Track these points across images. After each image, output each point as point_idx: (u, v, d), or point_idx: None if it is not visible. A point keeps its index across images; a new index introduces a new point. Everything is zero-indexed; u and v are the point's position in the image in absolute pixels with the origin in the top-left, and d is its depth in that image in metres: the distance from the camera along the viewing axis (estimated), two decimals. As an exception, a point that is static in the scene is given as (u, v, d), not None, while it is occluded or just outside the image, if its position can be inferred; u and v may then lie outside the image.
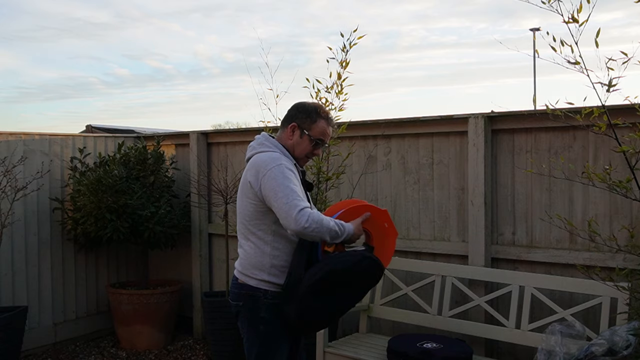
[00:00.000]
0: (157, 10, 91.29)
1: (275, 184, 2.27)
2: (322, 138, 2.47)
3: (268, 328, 2.41)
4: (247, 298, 2.44)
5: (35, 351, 4.88)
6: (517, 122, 3.63)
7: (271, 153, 2.40)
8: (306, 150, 2.47)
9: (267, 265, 2.39)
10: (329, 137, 2.54)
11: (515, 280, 3.46)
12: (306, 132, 2.44)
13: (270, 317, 2.40)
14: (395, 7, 73.60)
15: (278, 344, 2.44)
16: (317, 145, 2.48)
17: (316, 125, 2.45)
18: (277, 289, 2.40)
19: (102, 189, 4.65)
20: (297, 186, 2.31)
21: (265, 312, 2.40)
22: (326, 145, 2.62)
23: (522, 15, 60.17)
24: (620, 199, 3.14)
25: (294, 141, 2.46)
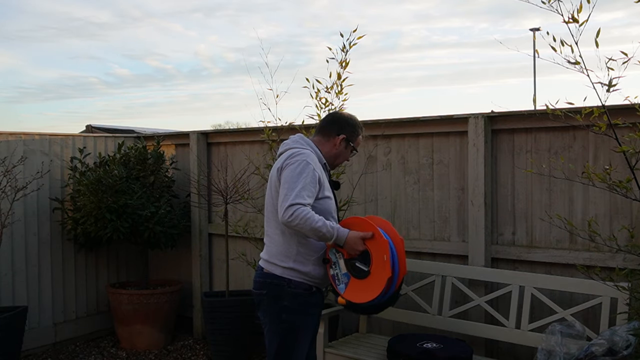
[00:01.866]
0: (157, 10, 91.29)
1: (289, 176, 2.47)
2: (358, 148, 2.84)
3: (290, 317, 2.53)
4: (271, 287, 2.57)
5: (35, 351, 4.88)
6: (517, 122, 3.63)
7: (303, 150, 2.60)
8: (345, 157, 2.80)
9: (294, 252, 2.54)
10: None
11: (515, 280, 3.46)
12: (351, 144, 2.76)
13: (294, 306, 2.53)
14: (397, 6, 73.63)
15: (300, 334, 2.56)
16: (351, 152, 2.80)
17: (358, 138, 2.80)
18: (300, 278, 2.55)
19: (102, 189, 4.65)
20: (311, 184, 2.48)
21: (288, 300, 2.53)
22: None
23: (523, 15, 60.21)
24: (620, 199, 3.14)
25: (339, 151, 2.75)
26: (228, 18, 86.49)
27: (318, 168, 2.59)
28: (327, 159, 2.74)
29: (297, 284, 2.55)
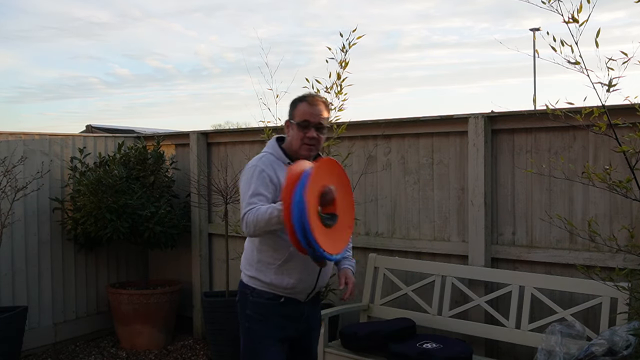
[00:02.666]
0: (158, 10, 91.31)
1: (240, 189, 2.41)
2: (306, 119, 2.40)
3: (253, 326, 2.44)
4: (240, 294, 2.53)
5: (35, 351, 4.88)
6: (517, 122, 3.63)
7: (257, 155, 2.48)
8: (299, 138, 2.43)
9: (255, 260, 2.44)
10: (320, 117, 2.43)
11: (515, 280, 3.46)
12: (293, 122, 2.44)
13: (255, 315, 2.43)
14: (397, 6, 73.59)
15: (264, 344, 2.44)
16: (304, 128, 2.40)
17: (297, 110, 2.44)
18: (263, 287, 2.42)
19: (102, 189, 4.65)
20: (260, 186, 2.32)
21: (250, 309, 2.44)
22: (322, 125, 2.44)
23: (524, 15, 60.17)
24: (620, 199, 3.14)
25: (291, 136, 2.47)
26: (228, 18, 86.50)
27: (271, 169, 2.38)
28: (291, 154, 2.46)
29: (260, 293, 2.43)
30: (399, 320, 3.67)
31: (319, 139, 2.44)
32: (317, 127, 2.41)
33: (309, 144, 2.44)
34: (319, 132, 2.42)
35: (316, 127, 2.41)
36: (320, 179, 2.19)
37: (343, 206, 2.28)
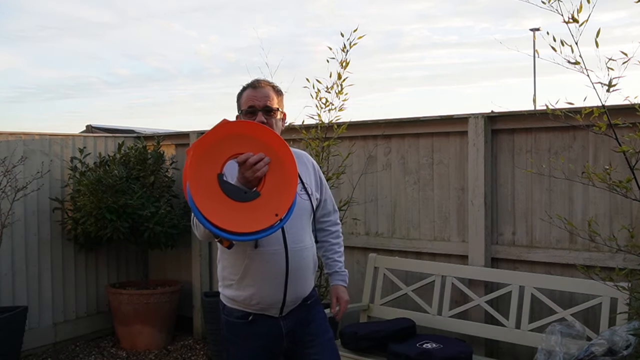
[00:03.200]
0: (158, 10, 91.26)
1: None
2: (251, 104, 2.16)
3: (230, 349, 2.25)
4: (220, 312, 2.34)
5: (35, 351, 4.88)
6: (517, 122, 3.63)
7: None
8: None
9: (221, 276, 2.26)
10: (267, 99, 2.18)
11: (515, 280, 3.46)
12: (240, 112, 2.22)
13: (230, 337, 2.23)
14: (398, 6, 73.55)
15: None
16: (251, 114, 2.16)
17: (242, 99, 2.22)
18: (231, 303, 2.21)
19: (102, 189, 4.65)
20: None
21: (225, 329, 2.25)
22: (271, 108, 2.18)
23: (524, 15, 60.14)
24: (620, 199, 3.14)
25: None
26: (229, 18, 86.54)
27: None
28: None
29: (230, 311, 2.21)
30: (399, 320, 3.67)
31: (269, 124, 2.15)
32: (265, 111, 2.16)
33: None
34: (268, 115, 2.17)
35: (264, 110, 2.16)
36: (226, 144, 1.85)
37: (271, 184, 1.88)
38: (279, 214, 1.86)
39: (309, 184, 2.28)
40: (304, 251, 2.19)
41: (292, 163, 1.93)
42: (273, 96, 2.21)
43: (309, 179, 2.30)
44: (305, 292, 2.25)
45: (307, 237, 2.23)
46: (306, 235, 2.22)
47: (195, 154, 1.80)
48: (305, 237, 2.21)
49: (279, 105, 2.23)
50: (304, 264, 2.21)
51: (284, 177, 1.91)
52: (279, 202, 1.88)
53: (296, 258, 2.16)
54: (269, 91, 2.21)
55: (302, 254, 2.19)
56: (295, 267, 2.16)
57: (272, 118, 2.18)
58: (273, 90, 2.24)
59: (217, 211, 1.77)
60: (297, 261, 2.17)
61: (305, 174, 2.28)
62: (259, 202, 1.84)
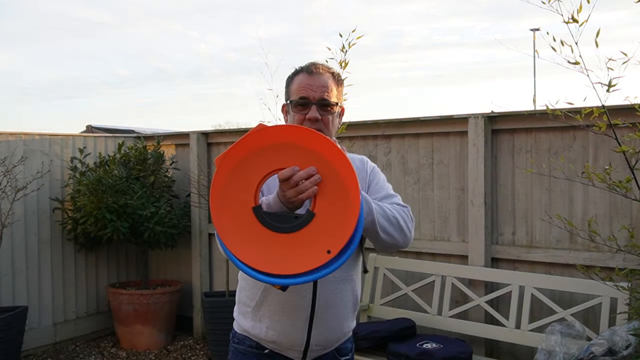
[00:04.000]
0: (158, 10, 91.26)
1: None
2: (304, 95, 1.72)
3: None
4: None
5: (35, 351, 4.88)
6: (517, 122, 3.63)
7: None
8: (299, 122, 1.74)
9: (237, 299, 1.89)
10: (324, 89, 1.73)
11: (515, 280, 3.46)
12: (289, 102, 1.79)
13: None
14: (398, 6, 73.60)
15: None
16: (302, 106, 1.73)
17: (293, 86, 1.77)
18: (243, 332, 1.84)
19: (102, 189, 4.65)
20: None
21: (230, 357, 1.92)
22: (328, 102, 1.73)
23: (525, 15, 60.17)
24: (620, 199, 3.14)
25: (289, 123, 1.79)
26: (229, 17, 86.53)
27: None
28: None
29: (241, 339, 1.85)
30: (399, 320, 3.67)
31: (325, 121, 1.72)
32: (321, 105, 1.72)
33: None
34: (324, 111, 1.72)
35: (320, 104, 1.71)
36: (264, 155, 1.42)
37: (324, 208, 1.41)
38: (331, 250, 1.38)
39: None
40: (339, 283, 1.70)
41: (353, 179, 1.41)
42: (332, 86, 1.75)
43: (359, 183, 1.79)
44: (339, 338, 1.78)
45: (346, 264, 1.60)
46: (349, 261, 1.63)
47: (220, 175, 1.42)
48: (347, 263, 1.61)
49: (338, 98, 1.78)
50: (338, 300, 1.72)
51: (341, 198, 1.41)
52: (332, 233, 1.39)
53: (327, 291, 1.68)
54: (327, 79, 1.75)
55: (337, 286, 1.70)
56: (325, 302, 1.68)
57: (329, 114, 1.74)
58: (332, 78, 1.78)
59: (254, 249, 1.40)
60: (328, 295, 1.69)
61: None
62: (305, 234, 1.40)
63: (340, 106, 1.81)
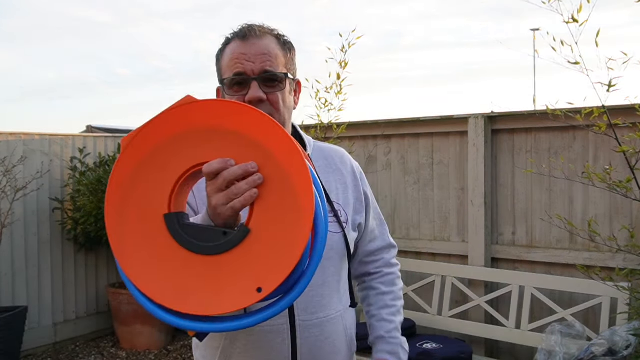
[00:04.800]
0: (159, 10, 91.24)
1: None
2: (238, 69, 1.26)
3: None
4: None
5: (35, 351, 4.88)
6: (517, 122, 3.63)
7: None
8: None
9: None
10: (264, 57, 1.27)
11: (515, 280, 3.46)
12: (220, 86, 1.34)
13: None
14: (398, 6, 73.64)
15: None
16: (238, 84, 1.27)
17: (224, 60, 1.31)
18: None
19: (102, 189, 4.64)
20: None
21: None
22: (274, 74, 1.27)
23: (525, 15, 60.21)
24: (620, 199, 3.14)
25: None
26: (229, 17, 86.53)
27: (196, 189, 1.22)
28: None
29: None
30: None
31: (272, 101, 1.27)
32: (264, 80, 1.26)
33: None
34: (268, 87, 1.27)
35: (262, 79, 1.26)
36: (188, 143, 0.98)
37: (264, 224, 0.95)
38: (263, 289, 0.93)
39: (343, 204, 1.40)
40: (326, 325, 1.32)
41: (307, 184, 0.95)
42: (276, 52, 1.29)
43: (345, 194, 1.42)
44: None
45: (333, 299, 1.34)
46: (332, 296, 1.34)
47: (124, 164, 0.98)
48: (331, 300, 1.34)
49: (288, 68, 1.32)
50: (327, 348, 1.33)
51: (289, 210, 0.95)
52: (270, 262, 0.93)
53: (312, 339, 1.30)
54: (269, 43, 1.29)
55: (324, 329, 1.32)
56: (310, 353, 1.30)
57: (277, 90, 1.28)
58: (277, 41, 1.31)
59: (161, 276, 0.96)
60: (314, 343, 1.30)
61: (337, 186, 1.41)
62: (233, 258, 0.94)
63: (295, 79, 1.36)
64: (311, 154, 1.39)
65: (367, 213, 1.47)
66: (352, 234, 1.41)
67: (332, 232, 1.33)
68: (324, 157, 1.42)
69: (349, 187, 1.43)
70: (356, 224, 1.43)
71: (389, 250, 1.58)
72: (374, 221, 1.52)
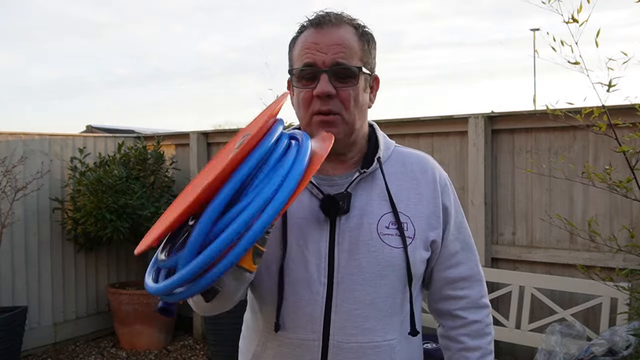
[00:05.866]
0: (159, 9, 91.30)
1: None
2: (308, 60, 1.18)
3: None
4: None
5: (35, 351, 4.88)
6: (517, 122, 3.63)
7: None
8: (304, 104, 1.21)
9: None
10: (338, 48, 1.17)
11: (515, 280, 3.46)
12: (290, 73, 1.25)
13: None
14: (399, 6, 73.65)
15: None
16: (307, 78, 1.19)
17: (296, 50, 1.22)
18: None
19: (102, 189, 4.65)
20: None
21: None
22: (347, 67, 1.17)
23: (526, 14, 60.24)
24: (620, 199, 3.14)
25: (295, 106, 1.25)
26: (230, 17, 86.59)
27: None
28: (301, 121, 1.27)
29: None
30: None
31: (343, 98, 1.18)
32: (335, 73, 1.17)
33: (321, 111, 1.18)
34: (340, 81, 1.17)
35: (333, 72, 1.16)
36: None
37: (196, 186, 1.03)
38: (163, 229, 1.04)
39: (412, 215, 1.24)
40: (366, 352, 1.17)
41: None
42: (353, 44, 1.19)
43: (417, 205, 1.27)
44: None
45: (381, 324, 1.18)
46: (381, 321, 1.18)
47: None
48: (378, 325, 1.18)
49: (365, 62, 1.22)
50: None
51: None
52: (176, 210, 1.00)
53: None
54: (345, 33, 1.19)
55: (363, 357, 1.17)
56: None
57: (349, 87, 1.18)
58: (354, 31, 1.21)
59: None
60: None
61: (408, 195, 1.27)
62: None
63: (373, 75, 1.26)
64: (385, 158, 1.28)
65: (445, 230, 1.28)
66: (422, 253, 1.23)
67: (391, 246, 1.18)
68: (402, 163, 1.31)
69: (424, 197, 1.27)
70: (429, 241, 1.24)
71: (475, 284, 1.32)
72: (456, 243, 1.30)
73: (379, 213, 1.21)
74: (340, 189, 1.21)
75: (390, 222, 1.20)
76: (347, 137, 1.22)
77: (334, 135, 1.10)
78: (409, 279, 1.19)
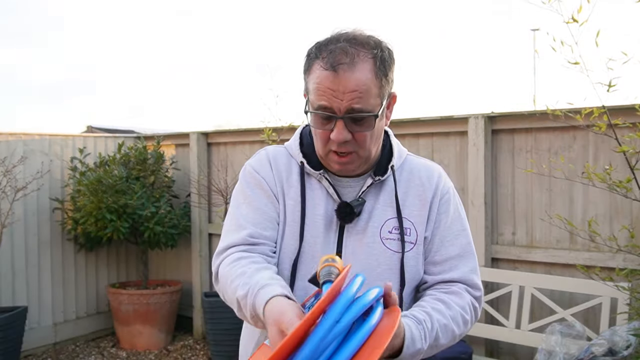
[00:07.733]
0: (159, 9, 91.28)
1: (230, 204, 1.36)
2: (324, 103, 1.17)
3: None
4: None
5: (35, 351, 4.88)
6: (517, 122, 3.63)
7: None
8: (321, 140, 1.23)
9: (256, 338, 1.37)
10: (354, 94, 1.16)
11: (515, 280, 3.46)
12: (306, 106, 1.24)
13: None
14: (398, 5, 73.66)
15: None
16: (323, 121, 1.20)
17: (311, 82, 1.21)
18: None
19: (102, 189, 4.65)
20: (243, 203, 1.29)
21: None
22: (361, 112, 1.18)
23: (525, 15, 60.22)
24: (620, 199, 3.14)
25: (312, 132, 1.29)
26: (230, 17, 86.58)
27: (266, 170, 1.31)
28: (318, 152, 1.28)
29: None
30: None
31: (359, 140, 1.21)
32: (351, 119, 1.18)
33: (339, 154, 1.23)
34: (357, 125, 1.19)
35: (350, 118, 1.18)
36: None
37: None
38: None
39: (415, 221, 1.30)
40: None
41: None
42: (369, 85, 1.17)
43: (421, 210, 1.31)
44: None
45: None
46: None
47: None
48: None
49: (382, 94, 1.20)
50: None
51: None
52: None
53: None
54: (361, 76, 1.15)
55: None
56: None
57: (365, 129, 1.20)
58: (373, 66, 1.17)
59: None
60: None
61: (413, 201, 1.32)
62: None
63: (391, 94, 1.25)
64: (397, 165, 1.35)
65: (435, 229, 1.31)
66: (421, 258, 1.29)
67: (392, 250, 1.25)
68: (410, 170, 1.37)
69: (427, 202, 1.32)
70: (421, 238, 1.30)
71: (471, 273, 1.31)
72: (452, 249, 1.30)
73: (384, 217, 1.29)
74: (353, 192, 1.31)
75: (394, 227, 1.27)
76: (363, 165, 1.30)
77: (348, 168, 1.25)
78: (402, 283, 1.25)
